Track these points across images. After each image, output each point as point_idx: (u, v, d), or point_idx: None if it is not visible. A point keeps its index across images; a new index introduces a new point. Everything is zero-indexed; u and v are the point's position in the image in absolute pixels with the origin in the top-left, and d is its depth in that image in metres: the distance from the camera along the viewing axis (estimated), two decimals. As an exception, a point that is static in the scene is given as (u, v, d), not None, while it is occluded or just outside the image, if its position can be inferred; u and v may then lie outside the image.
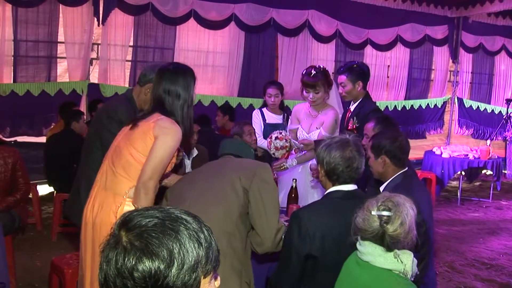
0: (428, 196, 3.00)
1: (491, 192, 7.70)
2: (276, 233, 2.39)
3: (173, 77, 2.60)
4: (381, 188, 2.93)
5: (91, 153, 3.13)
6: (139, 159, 2.52)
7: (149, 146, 2.50)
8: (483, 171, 8.20)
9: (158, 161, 2.46)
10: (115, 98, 3.32)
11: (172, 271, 1.09)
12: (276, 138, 4.14)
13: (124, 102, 3.17)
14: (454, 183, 8.29)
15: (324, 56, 8.18)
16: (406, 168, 2.95)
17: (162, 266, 1.08)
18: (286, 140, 4.14)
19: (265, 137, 4.77)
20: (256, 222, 2.39)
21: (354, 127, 3.97)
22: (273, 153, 4.16)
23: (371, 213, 1.94)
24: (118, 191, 2.53)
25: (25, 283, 4.09)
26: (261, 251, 2.43)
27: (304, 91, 4.23)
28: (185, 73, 2.64)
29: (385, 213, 1.92)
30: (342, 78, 4.11)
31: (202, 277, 1.15)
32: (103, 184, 2.59)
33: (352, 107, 4.16)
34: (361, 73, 4.12)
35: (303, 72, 4.26)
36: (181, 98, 2.60)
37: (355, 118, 4.02)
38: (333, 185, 2.45)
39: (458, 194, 7.54)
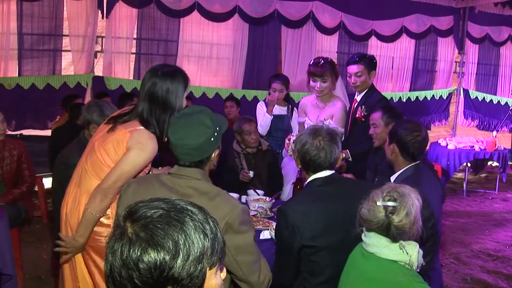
0: (438, 190, 2.96)
1: (497, 183, 7.66)
2: (259, 275, 2.05)
3: (161, 83, 2.41)
4: (392, 179, 2.92)
5: (58, 197, 3.15)
6: (108, 163, 2.45)
7: (120, 154, 2.40)
8: (489, 163, 8.17)
9: (124, 172, 2.36)
10: (69, 146, 3.49)
11: (178, 262, 1.09)
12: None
13: (76, 147, 3.30)
14: (460, 175, 8.26)
15: (329, 47, 8.14)
16: (418, 161, 2.93)
17: (167, 258, 1.08)
18: None
19: (270, 128, 4.78)
20: (236, 275, 2.03)
21: (362, 114, 3.99)
22: (290, 155, 4.13)
23: (376, 203, 1.93)
24: (89, 188, 2.47)
25: (31, 275, 4.12)
26: None
27: (311, 81, 4.25)
28: (173, 79, 2.43)
29: (390, 203, 1.91)
30: (359, 67, 4.04)
31: (208, 269, 1.15)
32: (77, 181, 2.56)
33: (358, 98, 4.16)
34: (374, 63, 4.15)
35: (310, 63, 4.30)
36: (168, 108, 2.43)
37: (363, 106, 4.03)
38: (308, 173, 2.47)
39: (464, 186, 7.52)
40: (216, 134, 2.05)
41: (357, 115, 4.07)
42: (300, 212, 2.31)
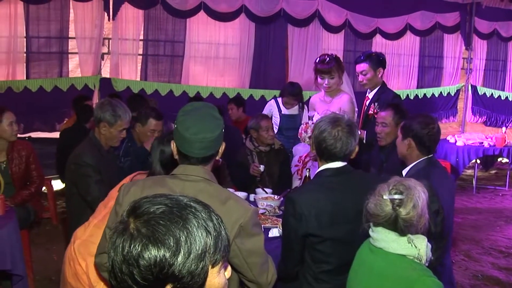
0: (450, 185, 2.96)
1: (507, 180, 7.60)
2: (267, 275, 2.05)
3: (168, 148, 2.46)
4: (404, 172, 2.92)
5: (70, 197, 3.41)
6: None
7: None
8: (499, 159, 8.11)
9: None
10: (80, 145, 3.50)
11: (178, 259, 1.08)
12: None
13: (86, 146, 3.41)
14: (469, 172, 8.21)
15: (335, 46, 8.11)
16: (431, 155, 2.93)
17: (167, 254, 1.07)
18: None
19: (280, 128, 4.84)
20: (246, 277, 2.02)
21: (375, 111, 4.05)
22: (306, 142, 4.25)
23: (383, 197, 1.92)
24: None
25: (42, 276, 4.14)
26: None
27: (319, 79, 4.38)
28: None
29: (397, 196, 1.90)
30: (364, 66, 4.17)
31: (210, 267, 1.14)
32: (86, 239, 2.54)
33: (370, 95, 4.27)
34: (380, 60, 4.25)
35: (316, 61, 4.43)
36: None
37: (376, 103, 4.10)
38: (321, 161, 2.45)
39: (474, 183, 7.46)
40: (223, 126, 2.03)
41: (370, 112, 4.14)
42: (308, 202, 2.31)
